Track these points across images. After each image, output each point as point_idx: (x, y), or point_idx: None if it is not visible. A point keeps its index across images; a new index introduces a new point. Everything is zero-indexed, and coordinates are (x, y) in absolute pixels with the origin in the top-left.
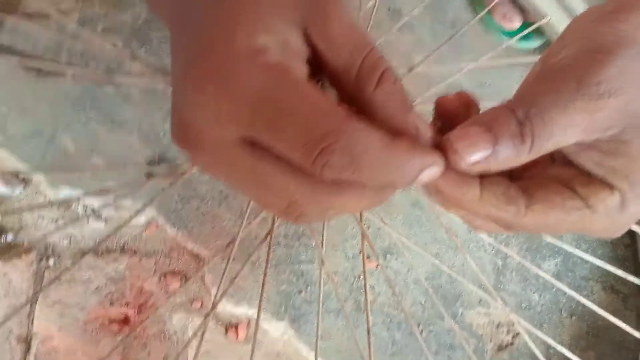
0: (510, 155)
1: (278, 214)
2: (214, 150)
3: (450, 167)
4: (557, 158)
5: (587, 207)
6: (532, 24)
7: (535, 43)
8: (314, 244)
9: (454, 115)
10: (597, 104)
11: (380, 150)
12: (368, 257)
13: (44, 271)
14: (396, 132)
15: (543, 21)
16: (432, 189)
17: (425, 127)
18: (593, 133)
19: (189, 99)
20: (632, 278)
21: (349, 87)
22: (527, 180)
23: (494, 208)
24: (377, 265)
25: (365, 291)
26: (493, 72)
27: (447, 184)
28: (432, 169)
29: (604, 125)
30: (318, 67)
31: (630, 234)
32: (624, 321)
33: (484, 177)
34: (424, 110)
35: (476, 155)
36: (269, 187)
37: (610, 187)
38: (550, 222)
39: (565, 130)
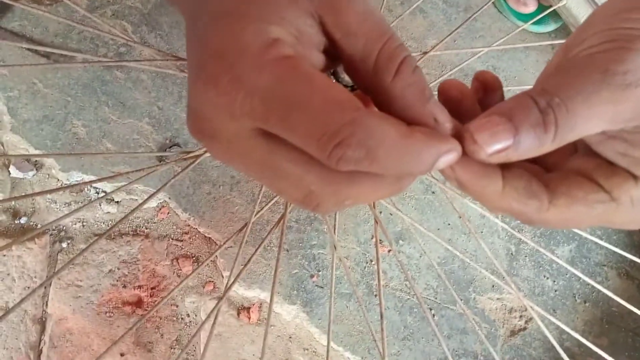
0: (532, 145)
1: (295, 203)
2: (230, 142)
3: (471, 159)
4: (580, 147)
5: (612, 199)
6: (548, 7)
7: (550, 27)
8: (326, 228)
9: (456, 101)
10: (624, 94)
11: (397, 140)
12: (380, 242)
13: (57, 254)
14: (414, 122)
15: (559, 4)
16: (452, 179)
17: (444, 117)
18: (618, 123)
19: (204, 94)
20: None
21: (366, 76)
22: (549, 169)
23: (515, 202)
24: (389, 251)
25: (378, 275)
26: (507, 56)
27: (469, 176)
28: (448, 156)
29: (629, 116)
30: (335, 57)
31: None
32: (639, 307)
33: (505, 170)
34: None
35: (496, 145)
36: (285, 177)
37: (634, 177)
38: (573, 217)
39: (590, 120)
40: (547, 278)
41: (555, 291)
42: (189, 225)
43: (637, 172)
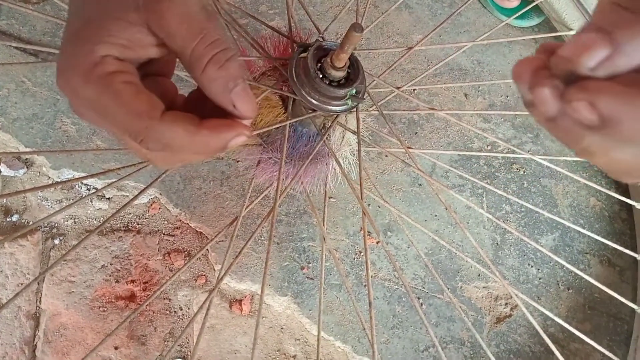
0: (634, 38)
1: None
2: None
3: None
4: None
5: None
6: (530, 2)
7: (533, 21)
8: (315, 221)
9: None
10: None
11: (184, 136)
12: (369, 233)
13: (49, 250)
14: (221, 107)
15: None
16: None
17: (241, 102)
18: None
19: (60, 87)
20: (628, 251)
21: (186, 67)
22: None
23: None
24: (378, 242)
25: (367, 266)
26: (491, 50)
27: (624, 102)
28: (237, 139)
29: None
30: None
31: (628, 207)
32: (620, 294)
33: None
34: (423, 89)
35: (598, 53)
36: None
37: None
38: None
39: None
40: (532, 266)
41: (540, 279)
42: (180, 220)
43: None
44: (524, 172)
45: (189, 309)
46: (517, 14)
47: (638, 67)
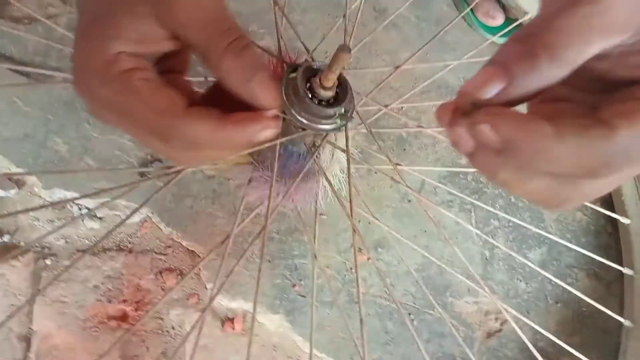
0: (527, 73)
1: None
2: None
3: (507, 115)
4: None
5: None
6: (514, 20)
7: None
8: (306, 238)
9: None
10: (596, 4)
11: (209, 132)
12: (359, 250)
13: (41, 271)
14: (241, 97)
15: (525, 18)
16: (497, 141)
17: (263, 93)
18: (610, 35)
19: (76, 89)
20: (614, 265)
21: (202, 59)
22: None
23: (574, 135)
24: (369, 258)
25: (357, 283)
26: (477, 67)
27: (511, 127)
28: (265, 132)
29: (617, 25)
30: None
31: (613, 221)
32: (607, 307)
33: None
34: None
35: (493, 86)
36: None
37: None
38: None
39: (578, 34)
40: (521, 281)
41: (529, 293)
42: (172, 239)
43: None
44: None
45: (181, 328)
46: (501, 32)
47: (534, 94)
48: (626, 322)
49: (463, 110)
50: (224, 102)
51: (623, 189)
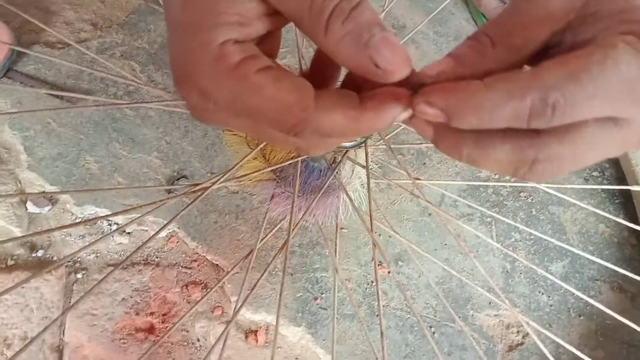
0: (472, 55)
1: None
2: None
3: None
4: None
5: (605, 47)
6: None
7: None
8: (327, 252)
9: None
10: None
11: (346, 123)
12: (380, 264)
13: (72, 284)
14: (357, 70)
15: None
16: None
17: (385, 59)
18: (555, 18)
19: (182, 88)
20: (639, 278)
21: (306, 33)
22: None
23: (501, 80)
24: (389, 272)
25: (378, 296)
26: None
27: (450, 93)
28: (401, 115)
29: (560, 7)
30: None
31: (637, 233)
32: (632, 320)
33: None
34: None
35: (436, 67)
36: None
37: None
38: (576, 78)
39: (521, 23)
40: (542, 294)
41: (551, 306)
42: (197, 253)
43: (620, 29)
44: (532, 200)
45: (206, 340)
46: None
47: (480, 76)
48: None
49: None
50: (329, 81)
51: None
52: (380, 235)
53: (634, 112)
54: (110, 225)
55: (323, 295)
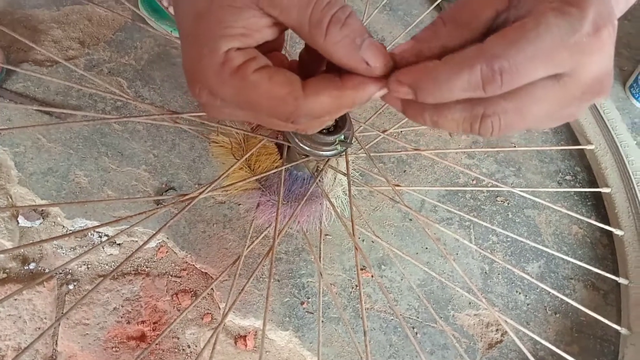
0: (427, 35)
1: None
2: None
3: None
4: None
5: (535, 15)
6: None
7: None
8: (312, 258)
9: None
10: None
11: (332, 102)
12: (363, 268)
13: (64, 295)
14: (351, 69)
15: None
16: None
17: (374, 58)
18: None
19: (192, 88)
20: (610, 275)
21: (305, 39)
22: None
23: (453, 56)
24: (372, 276)
25: (361, 299)
26: None
27: (413, 72)
28: (379, 93)
29: None
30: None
31: (608, 234)
32: (605, 316)
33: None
34: (410, 130)
35: (398, 49)
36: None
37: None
38: (517, 45)
39: (468, 5)
40: (520, 293)
41: (528, 305)
42: (186, 262)
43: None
44: (508, 204)
45: (196, 346)
46: None
47: (437, 53)
48: (623, 330)
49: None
50: (319, 68)
51: (616, 202)
52: (363, 240)
53: (572, 64)
54: (100, 237)
55: (309, 300)
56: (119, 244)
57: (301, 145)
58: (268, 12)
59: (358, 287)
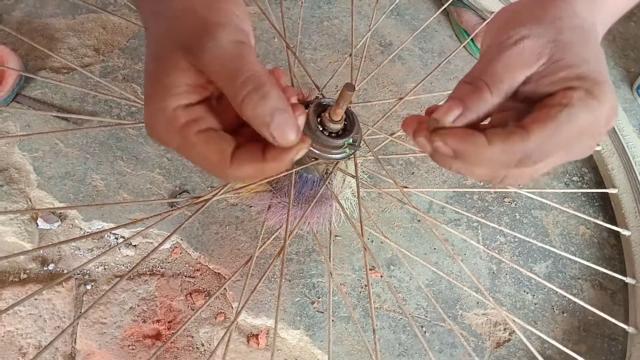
0: (477, 103)
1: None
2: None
3: (455, 132)
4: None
5: (566, 106)
6: None
7: None
8: (323, 259)
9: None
10: (515, 48)
11: (255, 172)
12: (372, 268)
13: (82, 295)
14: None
15: None
16: (447, 154)
17: (281, 137)
18: (529, 66)
19: (150, 136)
20: (618, 275)
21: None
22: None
23: (499, 144)
24: (381, 275)
25: (370, 298)
26: None
27: (456, 139)
28: (300, 154)
29: (532, 59)
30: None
31: (616, 234)
32: (613, 316)
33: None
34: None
35: (453, 114)
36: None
37: (571, 88)
38: (552, 136)
39: (507, 70)
40: (527, 293)
41: (535, 304)
42: (199, 263)
43: (570, 85)
44: (515, 205)
45: (210, 344)
46: None
47: (484, 117)
48: (630, 329)
49: (429, 125)
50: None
51: (623, 203)
52: (372, 241)
53: (582, 143)
54: (116, 238)
55: (320, 300)
56: (135, 246)
57: (311, 148)
58: (203, 73)
59: (367, 287)
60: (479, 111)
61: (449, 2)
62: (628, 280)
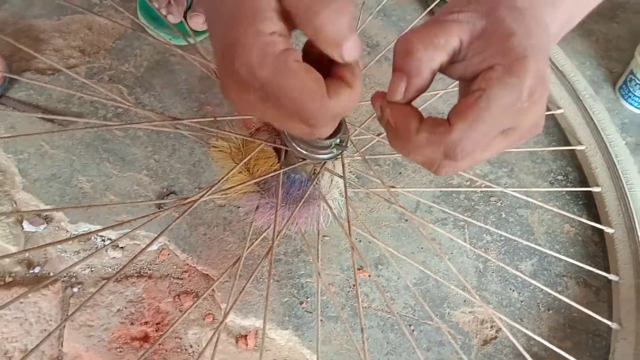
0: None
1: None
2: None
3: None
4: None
5: (485, 90)
6: None
7: None
8: (311, 259)
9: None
10: (450, 15)
11: (350, 101)
12: (361, 268)
13: (69, 298)
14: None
15: None
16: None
17: (349, 55)
18: (460, 25)
19: (223, 85)
20: (602, 272)
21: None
22: None
23: (426, 132)
24: (369, 275)
25: (358, 297)
26: None
27: (399, 115)
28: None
29: (464, 20)
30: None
31: (599, 232)
32: (597, 312)
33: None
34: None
35: (400, 90)
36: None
37: (491, 68)
38: (473, 124)
39: (439, 26)
40: (513, 290)
41: (521, 302)
42: (187, 265)
43: (491, 62)
44: (501, 204)
45: (198, 346)
46: None
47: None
48: (614, 325)
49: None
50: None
51: (607, 201)
52: (360, 241)
53: (513, 123)
54: (103, 240)
55: (308, 300)
56: (122, 248)
57: (298, 149)
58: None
59: (355, 287)
60: (422, 74)
61: (435, 3)
62: (611, 277)
